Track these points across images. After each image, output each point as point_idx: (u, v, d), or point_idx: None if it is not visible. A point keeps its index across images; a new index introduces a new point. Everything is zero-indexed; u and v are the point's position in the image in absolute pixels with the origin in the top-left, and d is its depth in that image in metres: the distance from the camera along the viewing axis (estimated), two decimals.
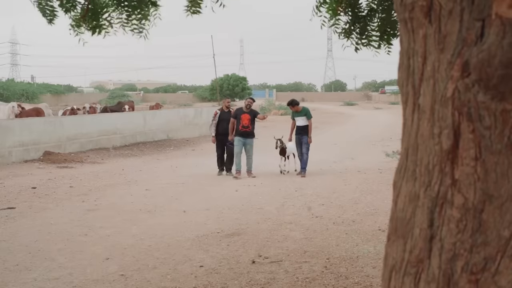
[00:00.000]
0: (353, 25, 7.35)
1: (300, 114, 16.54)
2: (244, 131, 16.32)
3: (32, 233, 9.57)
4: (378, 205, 11.25)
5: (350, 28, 7.38)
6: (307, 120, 16.44)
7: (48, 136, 21.15)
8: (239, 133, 16.33)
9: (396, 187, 2.07)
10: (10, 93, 67.79)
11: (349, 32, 7.42)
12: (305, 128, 16.44)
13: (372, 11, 7.34)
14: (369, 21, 7.38)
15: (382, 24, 7.26)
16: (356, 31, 7.42)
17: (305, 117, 16.44)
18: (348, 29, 7.39)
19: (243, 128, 16.32)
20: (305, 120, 16.45)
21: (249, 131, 16.38)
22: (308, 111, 16.71)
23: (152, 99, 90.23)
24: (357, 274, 7.08)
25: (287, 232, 9.39)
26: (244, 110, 16.57)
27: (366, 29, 7.38)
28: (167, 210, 11.53)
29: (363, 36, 7.42)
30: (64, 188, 14.35)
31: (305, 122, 16.45)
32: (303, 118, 16.44)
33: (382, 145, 23.39)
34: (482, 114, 1.72)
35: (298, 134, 16.50)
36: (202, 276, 7.18)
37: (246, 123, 16.32)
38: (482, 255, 1.73)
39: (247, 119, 16.33)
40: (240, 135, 16.34)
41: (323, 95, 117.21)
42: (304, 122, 16.45)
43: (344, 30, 7.43)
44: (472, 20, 1.74)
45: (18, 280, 7.16)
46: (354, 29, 7.39)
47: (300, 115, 16.52)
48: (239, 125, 16.31)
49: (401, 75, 2.04)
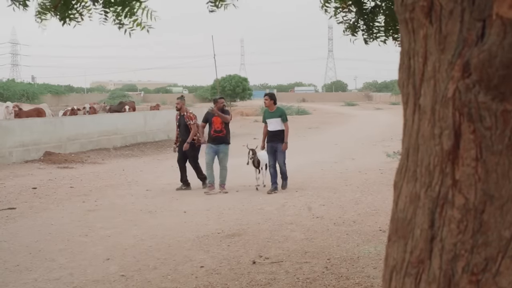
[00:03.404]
0: (358, 21, 7.35)
1: (274, 115, 13.84)
2: (217, 136, 14.10)
3: (33, 234, 9.58)
4: (379, 205, 11.24)
5: (355, 23, 7.38)
6: (282, 124, 13.73)
7: (49, 136, 21.15)
8: (211, 138, 14.22)
9: (396, 187, 2.07)
10: (10, 93, 67.77)
11: (354, 28, 7.42)
12: (279, 133, 13.69)
13: (376, 7, 7.33)
14: (374, 17, 7.38)
15: (387, 20, 7.26)
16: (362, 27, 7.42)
17: (280, 120, 13.73)
18: (354, 25, 7.39)
19: (216, 133, 14.11)
20: (280, 123, 13.72)
21: (223, 136, 14.12)
22: (284, 112, 14.12)
23: (152, 99, 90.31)
24: (358, 275, 7.08)
25: (288, 232, 9.39)
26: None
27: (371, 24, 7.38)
28: (168, 210, 11.54)
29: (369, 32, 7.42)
30: (65, 188, 14.36)
31: (279, 126, 13.71)
32: (277, 120, 13.74)
33: (382, 145, 23.37)
34: (483, 114, 1.72)
35: (271, 141, 13.76)
36: (203, 276, 7.18)
37: (219, 127, 14.13)
38: (483, 256, 1.73)
39: (220, 122, 14.11)
40: (212, 141, 14.18)
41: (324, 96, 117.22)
42: (279, 126, 13.71)
43: (349, 26, 7.43)
44: (473, 21, 1.74)
45: (19, 280, 7.17)
46: (359, 25, 7.39)
47: (273, 116, 13.83)
48: (211, 129, 14.17)
49: (401, 76, 2.04)
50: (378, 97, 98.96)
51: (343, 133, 31.99)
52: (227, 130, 14.15)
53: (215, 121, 14.06)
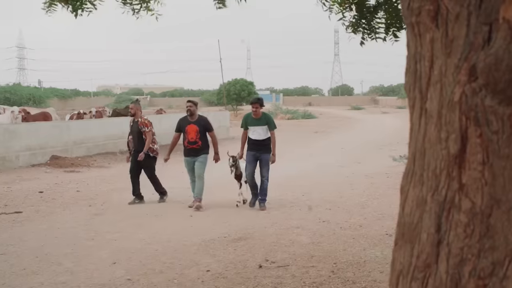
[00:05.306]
0: (359, 19, 7.36)
1: (259, 122, 11.98)
2: (192, 148, 12.09)
3: (39, 237, 9.59)
4: (385, 209, 11.22)
5: (357, 22, 7.39)
6: (268, 132, 12.00)
7: (55, 140, 21.18)
8: (185, 151, 12.26)
9: (403, 191, 2.07)
10: (17, 97, 67.95)
11: (356, 26, 7.43)
12: (265, 142, 11.96)
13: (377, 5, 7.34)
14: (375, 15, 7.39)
15: (387, 18, 7.27)
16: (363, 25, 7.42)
17: (266, 128, 11.96)
18: (355, 23, 7.40)
19: (190, 145, 12.11)
20: (266, 131, 11.98)
21: (198, 148, 12.06)
22: (271, 119, 12.32)
23: (159, 103, 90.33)
24: (364, 279, 7.07)
25: (294, 236, 9.39)
26: (189, 119, 12.27)
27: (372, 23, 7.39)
28: (174, 214, 11.54)
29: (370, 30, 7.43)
30: (71, 192, 14.38)
31: (265, 134, 11.99)
32: (263, 128, 11.96)
33: (389, 149, 23.32)
34: (490, 118, 1.72)
35: (254, 150, 11.94)
36: (209, 280, 7.18)
37: (193, 137, 12.05)
38: (490, 260, 1.73)
39: (194, 132, 12.07)
40: (187, 155, 12.23)
41: (330, 100, 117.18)
42: (264, 134, 11.98)
43: (351, 24, 7.44)
44: (479, 24, 1.74)
45: (25, 284, 7.18)
46: (360, 23, 7.40)
47: (259, 124, 11.97)
48: (185, 140, 12.21)
49: (408, 80, 2.04)
50: (384, 101, 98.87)
51: (349, 137, 31.95)
52: (203, 141, 12.17)
53: (189, 130, 12.10)
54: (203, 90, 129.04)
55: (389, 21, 7.23)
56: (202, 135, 12.11)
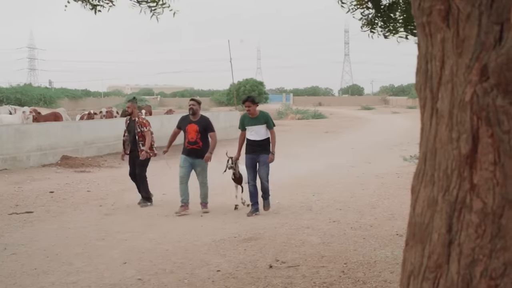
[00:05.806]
0: (375, 17, 7.35)
1: (257, 121, 11.41)
2: (192, 149, 11.72)
3: (50, 237, 9.62)
4: (396, 209, 11.20)
5: (373, 20, 7.38)
6: (267, 131, 11.44)
7: (66, 140, 21.25)
8: (185, 151, 11.88)
9: (414, 191, 2.07)
10: (28, 98, 68.22)
11: (372, 24, 7.42)
12: (264, 143, 11.38)
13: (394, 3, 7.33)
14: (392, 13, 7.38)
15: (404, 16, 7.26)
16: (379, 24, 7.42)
17: (265, 127, 11.39)
18: (371, 21, 7.39)
19: (190, 145, 11.74)
20: (265, 131, 11.41)
21: (198, 149, 11.70)
22: (269, 117, 11.68)
23: (169, 103, 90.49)
24: (375, 279, 7.05)
25: (305, 236, 9.38)
26: (191, 118, 11.95)
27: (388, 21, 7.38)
28: (184, 214, 11.55)
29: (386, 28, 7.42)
30: (82, 192, 14.43)
31: (264, 134, 11.40)
32: (261, 128, 11.38)
33: (399, 149, 23.27)
34: (501, 118, 1.71)
35: (252, 152, 11.37)
36: (219, 280, 7.18)
37: (193, 137, 11.69)
38: (501, 260, 1.72)
39: (195, 131, 11.72)
40: (186, 154, 11.86)
41: (341, 100, 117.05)
42: (263, 135, 11.40)
43: (367, 22, 7.43)
44: (491, 24, 1.73)
45: (36, 284, 7.21)
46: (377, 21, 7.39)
47: (256, 123, 11.40)
48: (185, 140, 11.85)
49: (419, 80, 2.04)
50: (395, 101, 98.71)
51: (359, 137, 31.89)
52: (204, 142, 11.78)
53: (189, 129, 11.76)
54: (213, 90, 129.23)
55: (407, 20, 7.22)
56: (203, 136, 11.77)
